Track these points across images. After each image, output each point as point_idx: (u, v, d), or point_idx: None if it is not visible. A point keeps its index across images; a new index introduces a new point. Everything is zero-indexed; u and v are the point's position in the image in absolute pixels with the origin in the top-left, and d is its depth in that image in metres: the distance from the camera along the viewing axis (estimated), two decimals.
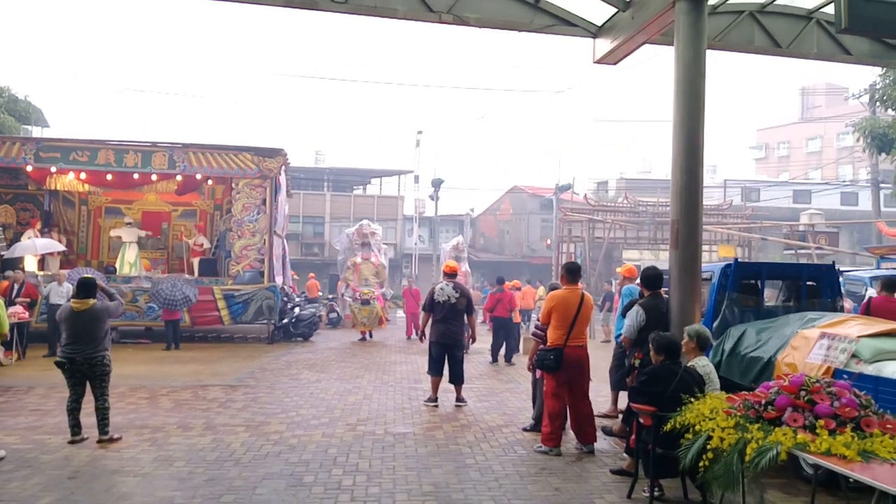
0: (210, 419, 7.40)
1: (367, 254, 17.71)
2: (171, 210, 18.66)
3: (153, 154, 15.10)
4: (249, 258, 15.45)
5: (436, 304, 8.55)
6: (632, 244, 27.11)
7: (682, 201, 6.09)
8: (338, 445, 6.37)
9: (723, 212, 27.30)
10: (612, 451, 6.36)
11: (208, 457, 5.90)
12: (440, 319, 8.53)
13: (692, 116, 6.08)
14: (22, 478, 5.25)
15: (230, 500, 4.84)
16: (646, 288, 6.45)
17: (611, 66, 7.92)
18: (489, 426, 7.33)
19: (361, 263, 17.45)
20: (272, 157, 15.50)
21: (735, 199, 33.48)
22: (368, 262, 17.53)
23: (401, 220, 38.69)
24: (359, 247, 17.81)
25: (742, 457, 3.67)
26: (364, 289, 17.12)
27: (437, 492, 5.09)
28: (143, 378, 10.06)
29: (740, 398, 4.14)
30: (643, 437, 4.88)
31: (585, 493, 5.12)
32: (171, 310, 14.08)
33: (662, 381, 4.76)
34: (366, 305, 16.91)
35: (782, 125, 57.78)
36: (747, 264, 8.48)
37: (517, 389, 9.72)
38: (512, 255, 40.57)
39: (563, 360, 6.21)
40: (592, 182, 42.24)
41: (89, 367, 6.40)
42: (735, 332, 6.44)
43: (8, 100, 18.01)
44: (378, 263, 17.72)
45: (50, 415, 7.42)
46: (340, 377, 10.70)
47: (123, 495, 4.90)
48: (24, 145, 14.76)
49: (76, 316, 6.41)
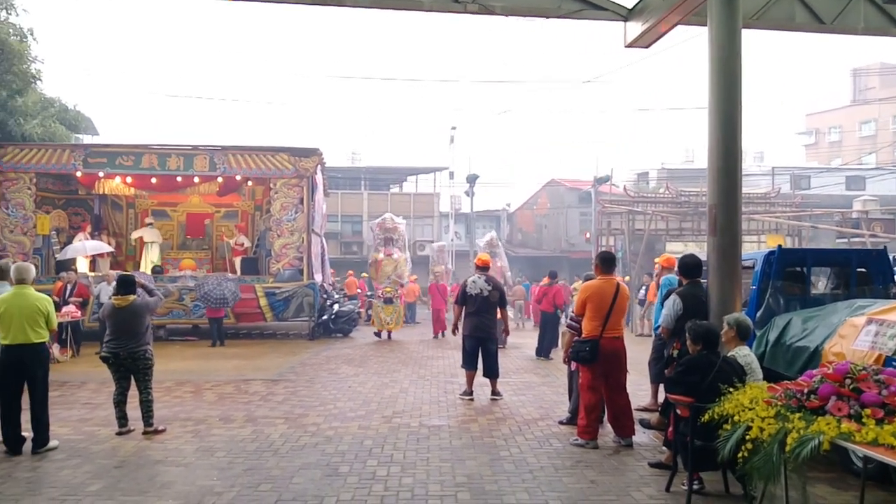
0: (251, 412, 7.55)
1: (390, 249, 16.63)
2: (213, 211, 19.07)
3: (195, 157, 15.49)
4: (289, 256, 15.70)
5: (468, 297, 8.51)
6: (674, 235, 26.51)
7: (720, 185, 5.91)
8: (373, 437, 6.42)
9: (770, 200, 26.45)
10: (651, 445, 6.24)
11: (248, 447, 6.01)
12: (473, 313, 8.49)
13: (728, 98, 5.89)
14: (73, 466, 5.45)
15: (268, 488, 4.91)
16: (684, 276, 6.30)
17: (643, 49, 7.74)
18: (525, 419, 7.27)
19: (383, 259, 16.42)
20: (308, 157, 15.72)
21: (784, 187, 32.45)
22: (390, 259, 16.47)
23: (437, 216, 38.73)
24: (381, 242, 16.77)
25: (783, 447, 3.54)
26: (387, 286, 16.20)
27: (471, 483, 5.07)
28: (189, 373, 10.32)
29: (782, 387, 4.00)
30: (681, 429, 4.76)
31: (622, 486, 5.02)
32: (215, 307, 14.41)
33: (699, 372, 4.63)
34: (389, 304, 16.12)
35: (833, 109, 55.63)
36: (792, 251, 8.21)
37: (554, 383, 9.63)
38: (550, 249, 40.19)
39: (598, 352, 6.11)
40: (632, 173, 41.48)
41: (132, 361, 6.62)
42: (780, 321, 6.23)
43: (59, 109, 18.64)
44: (400, 260, 16.69)
45: (100, 408, 7.67)
46: (378, 371, 10.77)
47: (166, 483, 5.03)
48: (73, 152, 15.35)
49: (118, 312, 6.64)
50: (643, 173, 42.33)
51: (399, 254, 16.67)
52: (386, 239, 16.68)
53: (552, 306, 12.91)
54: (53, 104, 18.42)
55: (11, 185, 14.91)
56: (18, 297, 5.93)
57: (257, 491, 4.86)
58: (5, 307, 5.87)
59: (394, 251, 16.62)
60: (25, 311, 5.88)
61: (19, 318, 5.84)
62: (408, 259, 17.11)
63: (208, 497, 4.73)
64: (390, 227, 16.75)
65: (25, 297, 5.95)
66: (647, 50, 7.85)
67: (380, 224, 16.84)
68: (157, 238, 17.32)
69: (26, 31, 15.74)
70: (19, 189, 14.95)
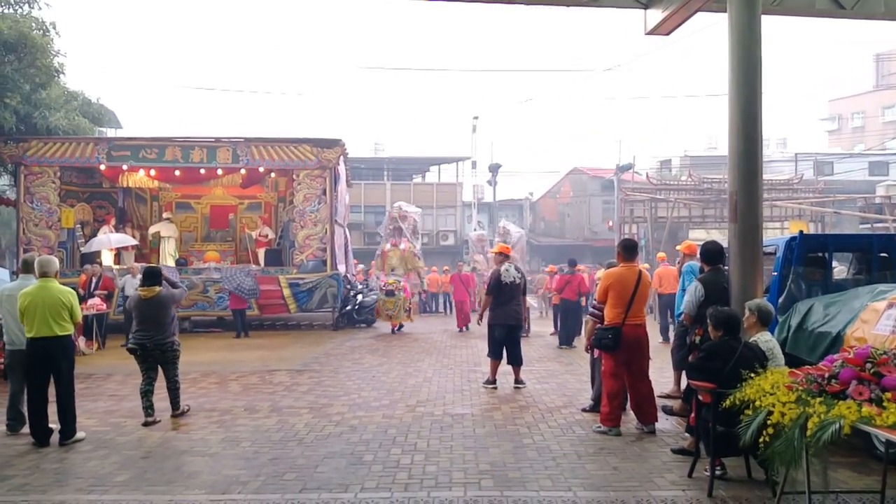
0: (276, 402, 7.66)
1: (397, 240, 16.21)
2: (237, 203, 19.26)
3: (218, 149, 15.66)
4: (312, 247, 15.83)
5: (503, 285, 8.51)
6: (697, 223, 26.24)
7: (741, 170, 5.86)
8: (397, 426, 6.49)
9: (793, 186, 26.08)
10: (674, 431, 6.24)
11: (273, 437, 6.11)
12: (506, 301, 8.50)
13: (749, 84, 5.83)
14: (100, 457, 5.57)
15: (292, 477, 5.00)
16: (705, 263, 6.27)
17: (663, 36, 7.67)
18: (548, 407, 7.30)
19: (389, 250, 16.13)
20: (330, 148, 15.80)
21: (807, 173, 31.91)
22: (396, 249, 16.11)
23: (460, 206, 38.71)
24: (390, 232, 16.39)
25: (804, 432, 3.53)
26: (389, 278, 15.77)
27: (494, 470, 5.11)
28: (214, 364, 10.49)
29: (803, 372, 3.98)
30: (703, 415, 4.76)
31: (645, 473, 5.04)
32: (240, 297, 14.62)
33: (721, 358, 4.62)
34: (390, 297, 15.45)
35: (856, 94, 54.42)
36: (813, 236, 8.12)
37: (577, 371, 9.64)
38: (573, 238, 40.00)
39: (621, 339, 6.11)
40: (655, 161, 41.05)
41: (161, 352, 6.79)
42: (802, 307, 6.18)
43: (82, 103, 18.87)
44: (406, 250, 16.19)
45: (126, 399, 7.84)
46: (401, 361, 10.86)
47: (192, 473, 5.13)
48: (97, 145, 15.57)
49: (144, 303, 6.80)
50: (665, 161, 41.89)
51: (406, 244, 16.17)
52: (395, 228, 16.30)
53: (575, 294, 12.89)
54: (77, 97, 18.65)
55: (36, 178, 15.17)
56: (42, 291, 6.02)
57: (282, 480, 4.95)
58: (29, 300, 5.96)
59: (400, 241, 16.20)
60: (49, 305, 5.97)
61: (43, 311, 5.94)
62: (418, 248, 16.64)
63: (234, 486, 4.82)
64: (397, 215, 16.33)
65: (49, 291, 6.04)
66: (667, 37, 7.78)
67: (389, 214, 16.56)
68: (173, 233, 17.48)
69: (49, 25, 15.92)
70: (44, 183, 15.22)
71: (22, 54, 15.05)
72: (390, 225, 16.40)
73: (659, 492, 4.63)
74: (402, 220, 16.23)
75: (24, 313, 5.99)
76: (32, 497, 4.64)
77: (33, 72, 15.52)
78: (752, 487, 4.67)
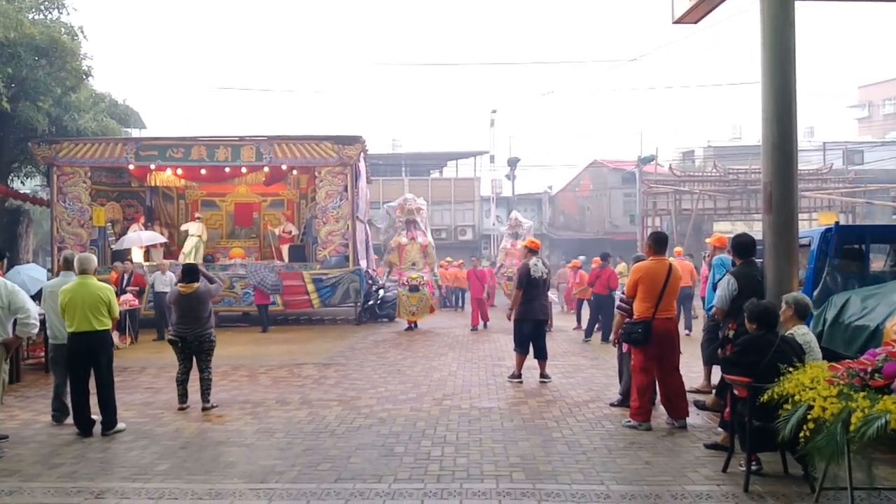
0: (305, 394, 7.76)
1: (413, 233, 15.36)
2: (260, 200, 19.46)
3: (242, 148, 15.81)
4: (335, 243, 15.93)
5: (532, 280, 8.52)
6: (722, 215, 25.97)
7: (775, 161, 5.76)
8: (425, 419, 6.53)
9: (822, 176, 25.64)
10: (706, 426, 6.19)
11: (305, 429, 6.20)
12: (535, 296, 8.52)
13: (782, 71, 5.73)
14: (141, 447, 5.71)
15: (327, 468, 5.06)
16: (737, 256, 6.19)
17: (692, 25, 7.55)
18: (575, 401, 7.28)
19: (407, 244, 15.22)
20: (351, 145, 15.87)
21: (836, 163, 31.36)
22: (415, 243, 15.25)
23: (478, 201, 38.65)
24: (402, 225, 15.48)
25: (846, 427, 3.49)
26: (412, 273, 14.99)
27: (525, 464, 5.12)
28: (243, 358, 10.62)
29: (843, 366, 3.93)
30: (738, 410, 4.72)
31: (678, 468, 5.01)
32: (264, 293, 14.79)
33: (757, 351, 4.58)
34: (414, 292, 14.82)
35: (887, 80, 53.22)
36: (849, 228, 8.01)
37: (603, 366, 9.59)
38: (593, 232, 39.73)
39: (651, 333, 6.08)
40: (677, 152, 40.59)
41: (198, 343, 7.06)
42: (838, 300, 6.08)
43: (109, 104, 19.19)
44: (426, 244, 15.44)
45: (161, 392, 8.00)
46: (425, 355, 10.90)
47: (230, 463, 5.23)
48: (125, 145, 15.83)
49: (183, 298, 7.07)
50: (688, 152, 41.39)
51: (423, 237, 15.48)
52: (409, 221, 15.46)
53: (606, 288, 12.83)
54: (104, 99, 18.99)
55: (68, 178, 15.47)
56: (81, 287, 6.21)
57: (317, 470, 5.01)
58: (70, 297, 6.15)
59: (417, 234, 15.43)
60: (88, 301, 6.15)
61: (83, 307, 6.12)
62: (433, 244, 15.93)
63: (271, 476, 4.90)
64: (412, 207, 15.46)
65: (88, 287, 6.22)
66: (695, 25, 7.65)
67: (400, 206, 15.59)
68: (199, 232, 17.55)
69: (77, 30, 16.21)
70: (75, 183, 15.50)
71: (53, 58, 15.37)
72: (402, 217, 15.47)
73: (693, 486, 4.60)
74: (418, 212, 15.50)
75: (64, 309, 6.17)
76: (81, 484, 4.79)
77: (63, 75, 15.83)
78: (789, 483, 4.62)
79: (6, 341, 5.65)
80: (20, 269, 14.67)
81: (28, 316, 5.72)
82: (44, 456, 5.51)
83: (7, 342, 5.67)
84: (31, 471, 5.12)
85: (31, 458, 5.44)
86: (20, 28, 14.21)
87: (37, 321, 5.86)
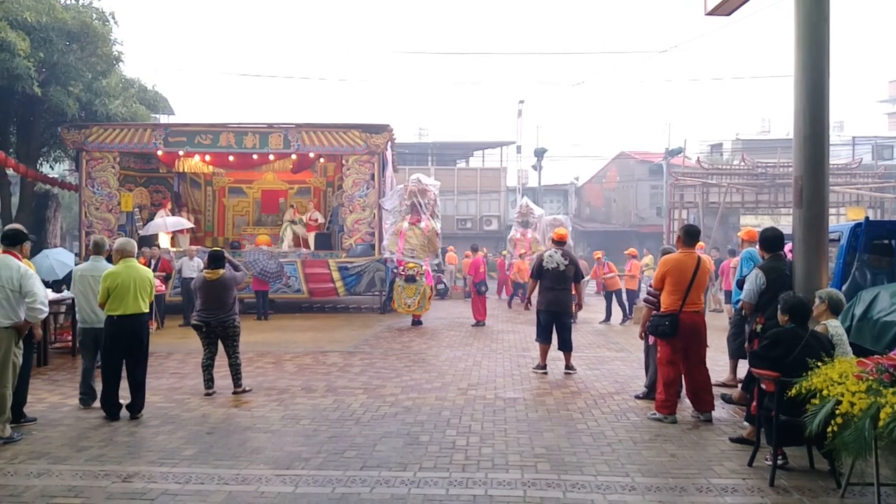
0: (331, 382, 7.84)
1: (416, 217, 14.16)
2: (287, 188, 19.62)
3: (270, 135, 15.96)
4: (361, 232, 16.04)
5: (544, 270, 8.52)
6: (750, 208, 25.58)
7: (807, 154, 5.68)
8: (450, 408, 6.58)
9: (851, 171, 25.14)
10: (731, 420, 6.17)
11: (331, 416, 6.28)
12: (548, 287, 8.51)
13: (815, 65, 5.64)
14: (167, 432, 5.80)
15: (353, 455, 5.13)
16: (765, 251, 6.13)
17: (724, 17, 7.43)
18: (600, 393, 7.29)
19: (408, 230, 13.99)
20: (379, 133, 15.93)
21: (865, 158, 30.69)
22: (416, 228, 14.01)
23: (504, 191, 38.56)
24: (407, 208, 14.43)
25: (875, 423, 3.47)
26: (410, 261, 13.79)
27: (550, 454, 5.15)
28: (268, 345, 10.77)
29: (872, 362, 3.89)
30: (765, 404, 4.70)
31: (703, 461, 5.01)
32: (266, 280, 14.95)
33: (785, 346, 4.55)
34: (411, 283, 13.60)
35: None
36: (879, 223, 7.87)
37: (628, 358, 9.57)
38: (619, 224, 39.46)
39: (678, 326, 6.06)
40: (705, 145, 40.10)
41: (223, 329, 7.15)
42: (866, 295, 5.99)
43: (138, 90, 19.44)
44: (428, 229, 14.10)
45: (188, 377, 8.14)
46: (450, 345, 10.96)
47: (256, 449, 5.31)
48: (154, 131, 16.05)
49: (209, 284, 7.15)
50: (716, 144, 40.86)
51: (428, 222, 14.16)
52: (412, 204, 14.32)
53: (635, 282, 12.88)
54: (133, 85, 19.24)
55: (97, 163, 15.72)
56: (130, 270, 6.30)
57: (343, 457, 5.08)
58: (120, 280, 6.21)
59: (420, 218, 14.16)
60: (137, 283, 6.28)
61: (134, 289, 6.24)
62: (439, 228, 14.65)
63: (297, 462, 4.97)
64: (416, 189, 14.27)
65: (137, 270, 6.35)
66: (727, 18, 7.53)
67: (406, 188, 14.58)
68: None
69: (108, 15, 16.44)
70: (104, 168, 15.75)
71: (84, 43, 15.58)
72: (407, 200, 14.42)
73: (719, 479, 4.60)
74: (422, 194, 14.28)
75: (111, 292, 6.20)
76: (109, 468, 4.88)
77: (94, 60, 16.07)
78: (815, 478, 4.60)
79: (17, 325, 5.57)
80: (48, 252, 14.77)
81: (35, 300, 5.57)
82: (72, 439, 5.59)
83: (17, 326, 5.58)
84: (59, 453, 5.20)
85: (59, 441, 5.52)
86: (52, 13, 14.44)
87: (45, 307, 5.74)
